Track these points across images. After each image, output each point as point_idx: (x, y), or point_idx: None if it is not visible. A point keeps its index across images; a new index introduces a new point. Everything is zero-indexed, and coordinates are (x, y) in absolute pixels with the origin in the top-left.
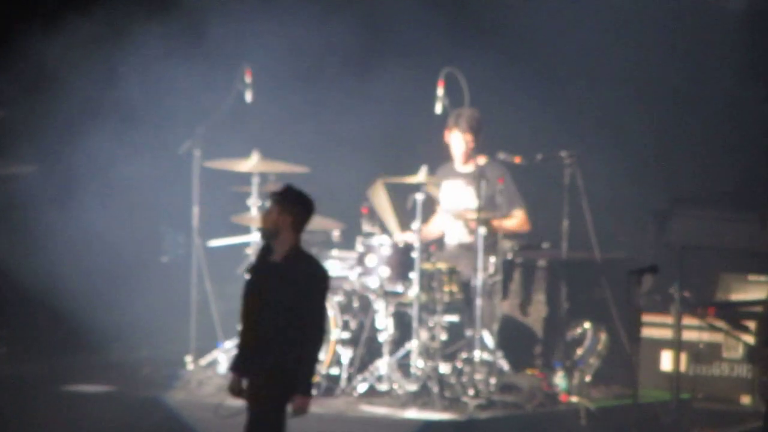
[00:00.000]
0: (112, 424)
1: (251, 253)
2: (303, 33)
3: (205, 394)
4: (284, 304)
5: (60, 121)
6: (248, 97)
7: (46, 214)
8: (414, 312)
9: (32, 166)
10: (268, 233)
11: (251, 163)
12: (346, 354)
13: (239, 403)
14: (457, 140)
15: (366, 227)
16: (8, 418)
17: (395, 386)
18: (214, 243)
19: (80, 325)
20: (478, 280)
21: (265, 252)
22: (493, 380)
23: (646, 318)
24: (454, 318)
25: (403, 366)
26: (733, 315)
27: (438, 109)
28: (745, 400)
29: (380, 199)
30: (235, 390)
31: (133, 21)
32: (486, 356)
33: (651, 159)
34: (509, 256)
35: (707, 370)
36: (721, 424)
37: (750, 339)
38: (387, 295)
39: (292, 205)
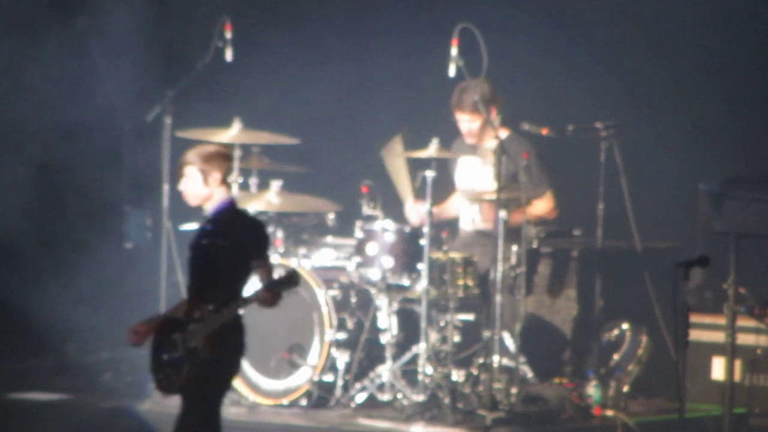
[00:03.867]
0: None
1: None
2: None
3: (175, 404)
4: None
5: (10, 79)
6: (228, 55)
7: None
8: (422, 310)
9: None
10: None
11: (232, 134)
12: (342, 358)
13: None
14: (460, 121)
15: (366, 209)
16: None
17: (399, 396)
18: (187, 227)
19: (31, 322)
20: (498, 272)
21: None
22: (514, 390)
23: (695, 318)
24: (469, 317)
25: (409, 373)
26: None
27: (452, 71)
28: None
29: (396, 157)
30: None
31: None
32: (506, 362)
33: (701, 132)
34: (534, 245)
35: (765, 380)
36: None
37: None
38: (390, 289)
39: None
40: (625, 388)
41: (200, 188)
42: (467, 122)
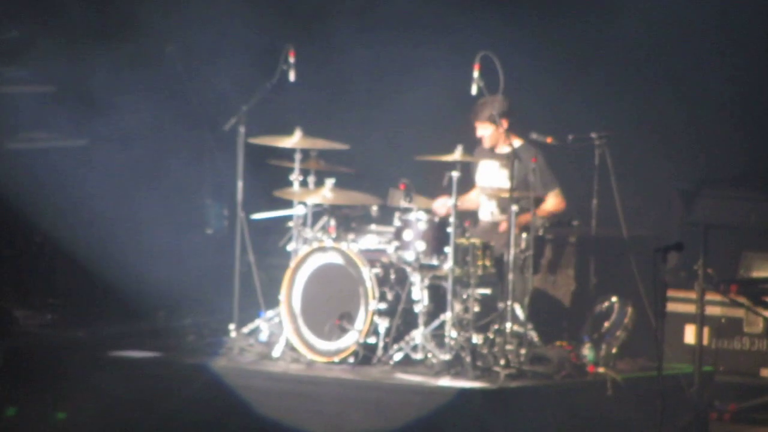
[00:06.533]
0: (157, 388)
1: (293, 226)
2: (342, 17)
3: (246, 361)
4: None
5: (110, 97)
6: (291, 76)
7: (95, 187)
8: (448, 285)
9: (82, 139)
10: None
11: (294, 140)
12: (382, 324)
13: None
14: (477, 129)
15: (403, 203)
16: (57, 383)
17: (429, 355)
18: (257, 216)
19: (128, 293)
20: (510, 255)
21: None
22: (523, 351)
23: (671, 293)
24: (486, 291)
25: (438, 336)
26: (755, 291)
27: (473, 90)
28: (765, 373)
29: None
30: None
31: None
32: (517, 328)
33: (678, 140)
34: (540, 233)
35: (729, 344)
36: (741, 396)
37: None
38: (423, 268)
39: None
40: (614, 350)
41: None
42: (481, 129)
